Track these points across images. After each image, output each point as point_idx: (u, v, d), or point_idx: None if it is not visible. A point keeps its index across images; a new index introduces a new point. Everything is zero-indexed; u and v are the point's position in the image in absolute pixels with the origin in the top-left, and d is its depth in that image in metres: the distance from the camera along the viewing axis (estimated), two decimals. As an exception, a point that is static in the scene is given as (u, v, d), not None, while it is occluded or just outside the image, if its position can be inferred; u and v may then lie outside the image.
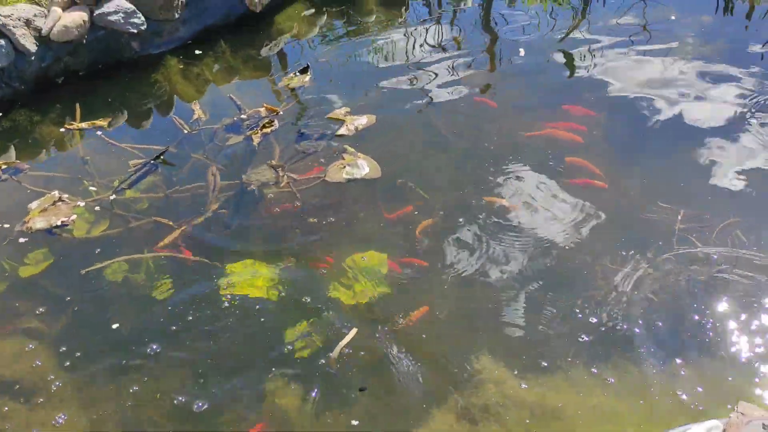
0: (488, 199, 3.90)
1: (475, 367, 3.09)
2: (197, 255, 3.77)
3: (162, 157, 4.42)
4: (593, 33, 5.56)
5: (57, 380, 3.17)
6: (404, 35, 5.80)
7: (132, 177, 4.31)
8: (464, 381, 3.05)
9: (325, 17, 6.14)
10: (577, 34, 5.58)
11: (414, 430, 2.90)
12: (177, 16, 5.52)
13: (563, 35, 5.54)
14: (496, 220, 3.81)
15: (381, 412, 2.98)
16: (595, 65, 5.08)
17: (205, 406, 3.05)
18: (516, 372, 3.05)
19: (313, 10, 6.23)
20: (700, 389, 2.84)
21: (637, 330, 3.16)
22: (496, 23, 5.98)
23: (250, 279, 3.65)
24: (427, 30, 5.89)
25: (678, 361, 3.01)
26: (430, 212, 3.90)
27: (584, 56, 5.21)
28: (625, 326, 3.18)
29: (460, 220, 3.83)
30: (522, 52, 5.32)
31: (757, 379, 2.87)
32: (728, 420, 1.98)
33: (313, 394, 3.07)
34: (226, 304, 3.50)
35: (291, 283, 3.59)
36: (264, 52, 5.65)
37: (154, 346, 3.31)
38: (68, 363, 3.25)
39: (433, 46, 5.61)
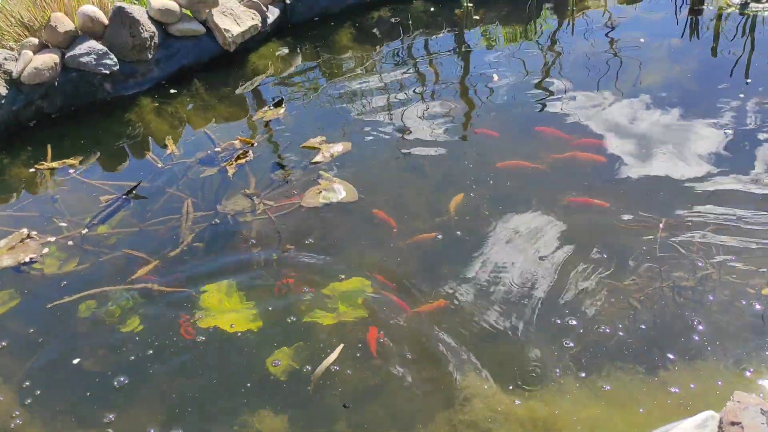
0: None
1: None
2: (171, 287, 3.65)
3: (134, 191, 4.33)
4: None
5: (18, 418, 3.01)
6: (378, 77, 5.83)
7: (103, 212, 4.21)
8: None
9: (300, 58, 6.17)
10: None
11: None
12: (150, 56, 5.52)
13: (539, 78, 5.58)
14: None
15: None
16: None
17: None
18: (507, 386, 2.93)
19: (286, 50, 6.28)
20: (692, 388, 2.75)
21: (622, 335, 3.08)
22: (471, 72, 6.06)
23: (225, 309, 3.53)
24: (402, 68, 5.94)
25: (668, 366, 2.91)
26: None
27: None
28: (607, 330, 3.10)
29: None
30: (496, 78, 5.35)
31: (747, 373, 2.79)
32: (725, 408, 1.89)
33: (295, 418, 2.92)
34: (201, 336, 3.36)
35: (269, 312, 3.47)
36: (239, 91, 5.64)
37: (122, 379, 3.15)
38: (29, 400, 3.09)
39: (405, 76, 5.64)
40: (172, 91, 5.60)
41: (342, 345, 3.20)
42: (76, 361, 3.27)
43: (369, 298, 3.48)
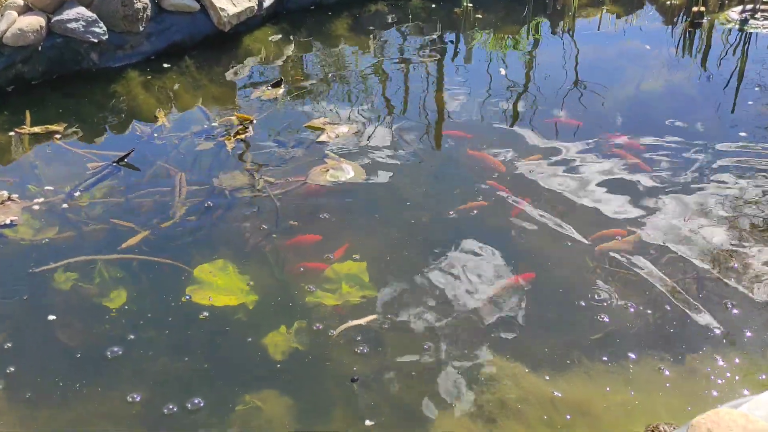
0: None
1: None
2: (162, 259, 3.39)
3: (125, 159, 4.06)
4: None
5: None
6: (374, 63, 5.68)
7: (90, 180, 3.92)
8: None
9: (292, 46, 5.98)
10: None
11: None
12: (142, 29, 5.27)
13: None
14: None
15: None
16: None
17: (175, 408, 2.63)
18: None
19: (280, 36, 6.09)
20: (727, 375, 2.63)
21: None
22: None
23: (220, 285, 3.29)
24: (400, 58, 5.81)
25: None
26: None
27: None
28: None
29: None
30: (503, 71, 5.26)
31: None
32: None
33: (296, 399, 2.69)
34: (195, 311, 3.11)
35: (265, 289, 3.23)
36: (230, 75, 5.41)
37: (108, 355, 2.87)
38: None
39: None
40: (163, 66, 5.34)
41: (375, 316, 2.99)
42: (53, 337, 2.97)
43: (375, 277, 3.28)
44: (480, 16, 6.56)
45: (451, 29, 6.35)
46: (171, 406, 2.66)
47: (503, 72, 5.29)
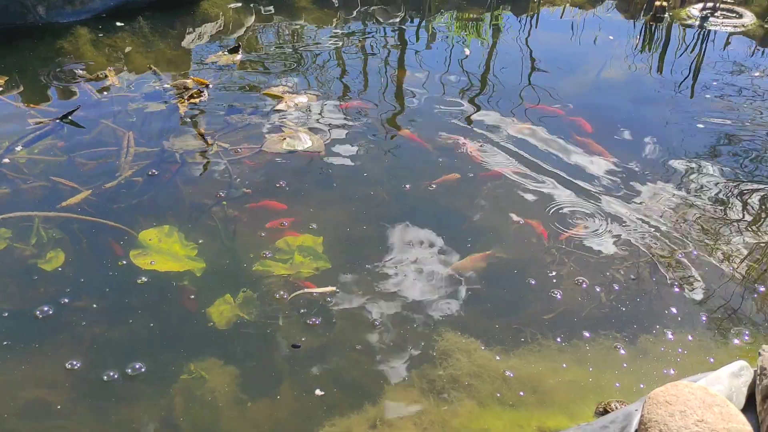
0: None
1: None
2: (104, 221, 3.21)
3: (70, 117, 3.84)
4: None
5: None
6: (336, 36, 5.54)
7: (30, 136, 3.69)
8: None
9: (253, 15, 5.79)
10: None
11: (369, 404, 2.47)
12: (93, -16, 5.02)
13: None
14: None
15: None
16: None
17: (115, 375, 2.49)
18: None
19: (240, 4, 5.88)
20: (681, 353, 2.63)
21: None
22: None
23: (165, 250, 3.13)
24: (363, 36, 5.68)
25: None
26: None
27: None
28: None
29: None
30: (467, 51, 5.19)
31: (737, 341, 2.71)
32: (762, 357, 1.76)
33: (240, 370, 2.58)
34: (137, 276, 2.95)
35: (213, 257, 3.10)
36: (186, 43, 5.19)
37: (42, 317, 2.70)
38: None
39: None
40: (115, 24, 5.09)
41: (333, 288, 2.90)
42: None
43: (330, 249, 3.18)
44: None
45: (416, 9, 6.25)
46: (111, 373, 2.52)
47: (467, 52, 5.22)
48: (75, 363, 2.56)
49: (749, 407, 1.81)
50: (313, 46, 5.25)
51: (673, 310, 2.91)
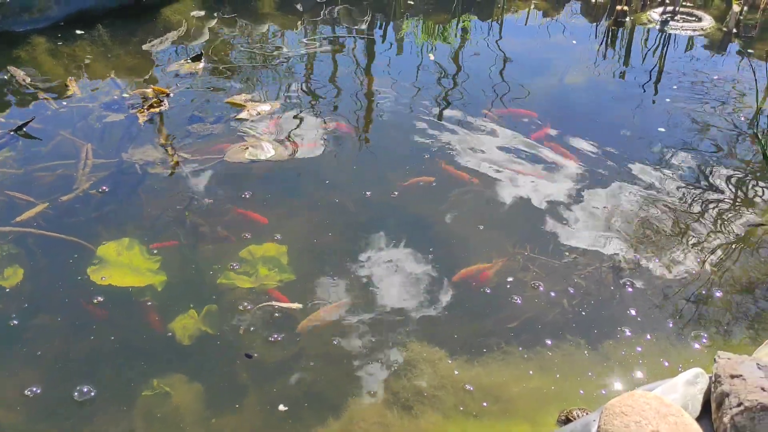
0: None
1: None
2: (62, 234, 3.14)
3: (24, 129, 3.75)
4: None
5: None
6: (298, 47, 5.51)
7: (-17, 148, 3.60)
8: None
9: (215, 22, 5.72)
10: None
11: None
12: (50, -8, 4.91)
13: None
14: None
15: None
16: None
17: (75, 394, 2.43)
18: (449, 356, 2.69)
19: (203, 13, 5.81)
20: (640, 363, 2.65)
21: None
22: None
23: (125, 263, 3.08)
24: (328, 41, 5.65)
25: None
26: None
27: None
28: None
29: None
30: (432, 56, 5.19)
31: (697, 345, 2.75)
32: (719, 363, 1.78)
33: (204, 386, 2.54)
34: (96, 292, 2.89)
35: (175, 270, 3.04)
36: (146, 47, 5.11)
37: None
38: None
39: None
40: (74, 33, 4.99)
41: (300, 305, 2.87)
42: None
43: (295, 260, 3.15)
44: (411, 2, 6.48)
45: (381, 14, 6.24)
46: (71, 392, 2.46)
47: (432, 57, 5.23)
48: (33, 382, 2.50)
49: (705, 414, 1.83)
50: (278, 52, 5.21)
51: (635, 315, 2.94)
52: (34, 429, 2.35)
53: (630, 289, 3.07)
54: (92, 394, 2.46)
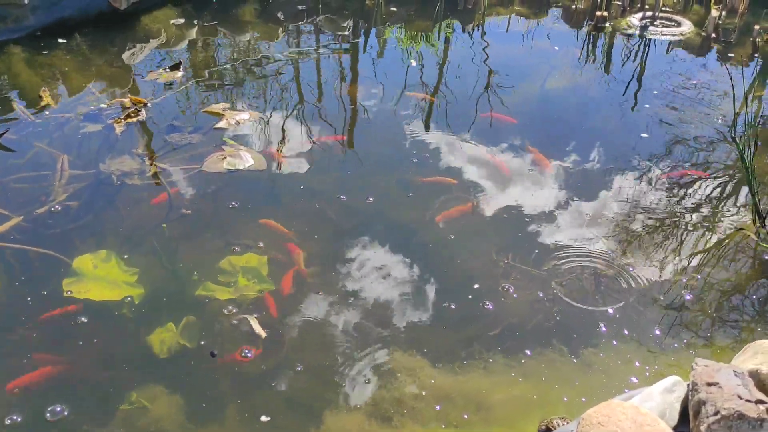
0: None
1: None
2: (37, 248, 3.09)
3: (-2, 140, 3.70)
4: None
5: None
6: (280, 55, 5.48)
7: (-44, 161, 3.54)
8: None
9: (195, 30, 5.68)
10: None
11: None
12: (26, 1, 4.85)
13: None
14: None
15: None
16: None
17: (57, 409, 2.38)
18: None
19: (183, 20, 5.78)
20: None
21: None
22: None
23: (101, 276, 3.03)
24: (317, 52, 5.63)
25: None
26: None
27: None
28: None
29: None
30: (413, 63, 5.18)
31: (679, 352, 2.74)
32: (696, 371, 1.77)
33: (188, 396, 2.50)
34: (73, 305, 2.84)
35: (153, 282, 3.00)
36: (126, 57, 5.07)
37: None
38: None
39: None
40: (51, 42, 4.93)
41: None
42: None
43: (275, 270, 3.11)
44: (394, 9, 6.48)
45: (363, 21, 6.23)
46: (48, 409, 2.41)
47: (413, 63, 5.22)
48: (9, 398, 2.45)
49: (683, 422, 1.82)
50: (257, 60, 5.18)
51: (615, 322, 2.93)
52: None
53: (611, 297, 3.07)
54: (67, 410, 2.42)
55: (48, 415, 2.40)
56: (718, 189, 3.87)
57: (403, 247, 3.29)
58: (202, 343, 2.73)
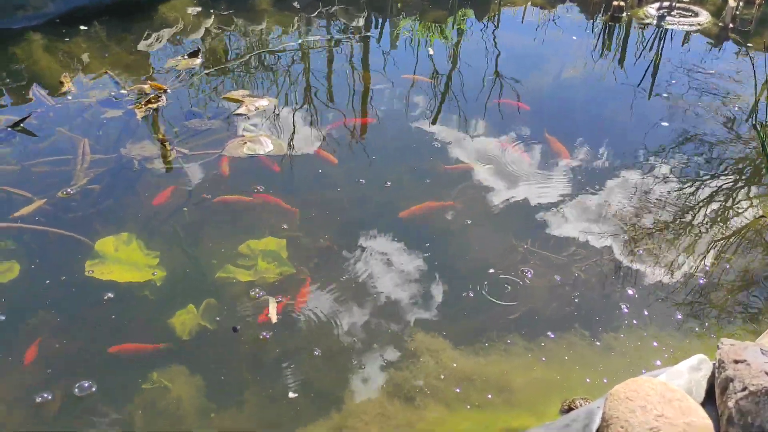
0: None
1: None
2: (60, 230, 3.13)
3: (21, 125, 3.73)
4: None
5: None
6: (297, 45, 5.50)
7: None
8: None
9: (212, 19, 5.70)
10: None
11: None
12: (46, -12, 4.90)
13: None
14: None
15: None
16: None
17: (76, 390, 2.42)
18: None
19: (199, 8, 5.79)
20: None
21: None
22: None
23: (124, 260, 3.06)
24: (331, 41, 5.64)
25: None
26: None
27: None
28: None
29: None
30: (431, 51, 5.18)
31: (699, 335, 2.74)
32: (722, 350, 1.77)
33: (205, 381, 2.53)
34: (96, 288, 2.87)
35: (174, 265, 3.03)
36: (143, 46, 5.09)
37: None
38: None
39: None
40: (70, 30, 4.97)
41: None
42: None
43: (293, 253, 3.13)
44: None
45: (378, 11, 6.23)
46: (70, 388, 2.44)
47: (431, 52, 5.22)
48: (33, 378, 2.48)
49: (709, 400, 1.83)
50: (275, 48, 5.20)
51: (637, 305, 2.93)
52: (32, 426, 2.34)
53: (631, 281, 3.07)
54: (92, 387, 2.45)
55: (76, 390, 2.43)
56: (738, 176, 3.86)
57: (419, 238, 3.30)
58: (223, 324, 2.75)
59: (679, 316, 2.89)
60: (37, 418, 2.35)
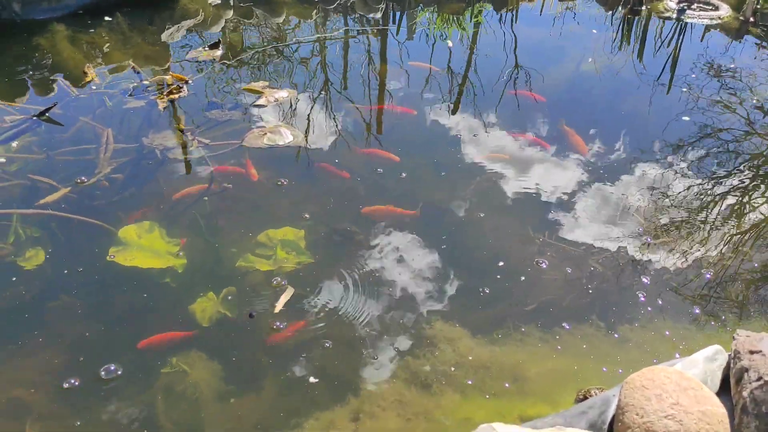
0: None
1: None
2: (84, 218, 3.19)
3: (47, 114, 3.80)
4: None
5: None
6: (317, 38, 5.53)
7: (8, 133, 3.65)
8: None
9: (232, 11, 5.74)
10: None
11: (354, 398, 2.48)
12: (69, -20, 4.96)
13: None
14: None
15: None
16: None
17: (101, 373, 2.48)
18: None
19: (219, 1, 5.84)
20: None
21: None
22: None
23: (146, 247, 3.12)
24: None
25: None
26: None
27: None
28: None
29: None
30: (450, 43, 5.19)
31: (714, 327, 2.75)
32: (737, 341, 1.80)
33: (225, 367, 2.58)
34: (118, 274, 2.94)
35: (195, 253, 3.08)
36: (165, 37, 5.15)
37: (26, 316, 2.68)
38: None
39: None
40: (93, 21, 5.03)
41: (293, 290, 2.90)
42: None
43: (312, 241, 3.18)
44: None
45: (396, 2, 6.24)
46: (92, 371, 2.50)
47: (450, 44, 5.23)
48: (56, 362, 2.55)
49: (724, 390, 1.85)
50: (294, 40, 5.23)
51: (652, 297, 2.95)
52: (56, 407, 2.40)
53: (647, 274, 3.08)
54: (113, 371, 2.51)
55: (103, 373, 2.50)
56: (756, 171, 3.85)
57: (439, 221, 3.33)
58: (242, 312, 2.80)
59: (696, 309, 2.91)
60: (65, 402, 2.42)
